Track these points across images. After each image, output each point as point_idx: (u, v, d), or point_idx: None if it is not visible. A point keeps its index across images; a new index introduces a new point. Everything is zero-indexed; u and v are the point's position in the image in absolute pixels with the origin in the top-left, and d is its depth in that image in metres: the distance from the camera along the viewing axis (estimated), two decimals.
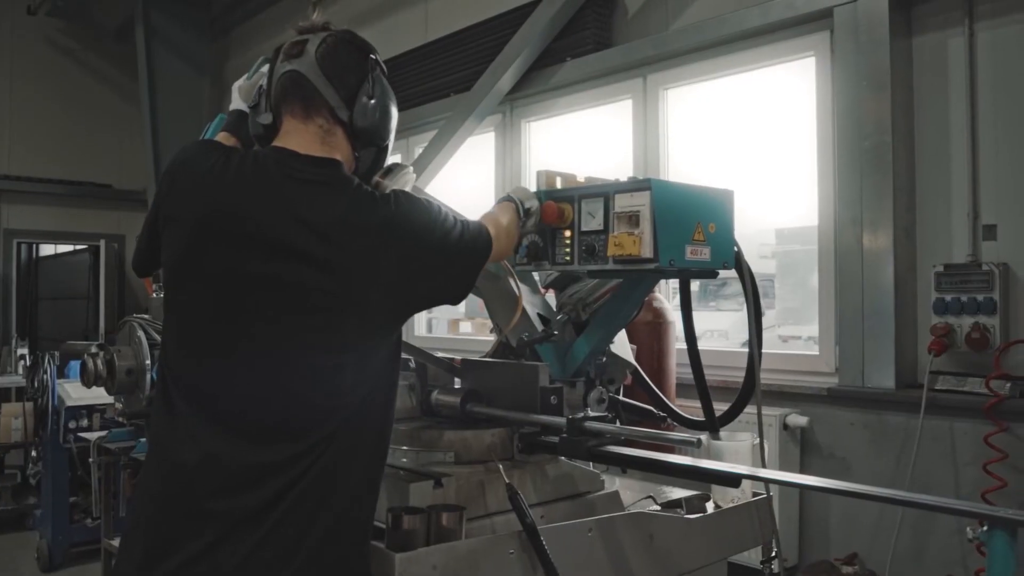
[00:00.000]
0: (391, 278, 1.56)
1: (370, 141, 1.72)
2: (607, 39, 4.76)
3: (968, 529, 1.47)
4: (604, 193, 1.99)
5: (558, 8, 4.68)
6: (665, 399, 2.68)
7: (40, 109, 9.38)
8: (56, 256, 10.79)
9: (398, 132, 5.43)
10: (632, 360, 2.50)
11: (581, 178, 2.23)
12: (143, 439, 3.30)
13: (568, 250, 2.07)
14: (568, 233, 2.07)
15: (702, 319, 5.80)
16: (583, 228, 2.03)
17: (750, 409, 3.69)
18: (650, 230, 1.88)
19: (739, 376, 2.52)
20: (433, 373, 2.30)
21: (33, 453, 5.44)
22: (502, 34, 5.15)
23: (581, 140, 5.13)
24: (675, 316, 3.91)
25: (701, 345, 2.52)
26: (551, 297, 2.52)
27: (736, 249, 2.12)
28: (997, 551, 1.36)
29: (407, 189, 1.78)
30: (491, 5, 5.47)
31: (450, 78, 5.66)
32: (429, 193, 2.08)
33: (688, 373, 3.69)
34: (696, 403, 2.57)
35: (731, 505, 2.21)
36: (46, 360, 4.83)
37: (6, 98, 9.20)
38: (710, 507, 2.19)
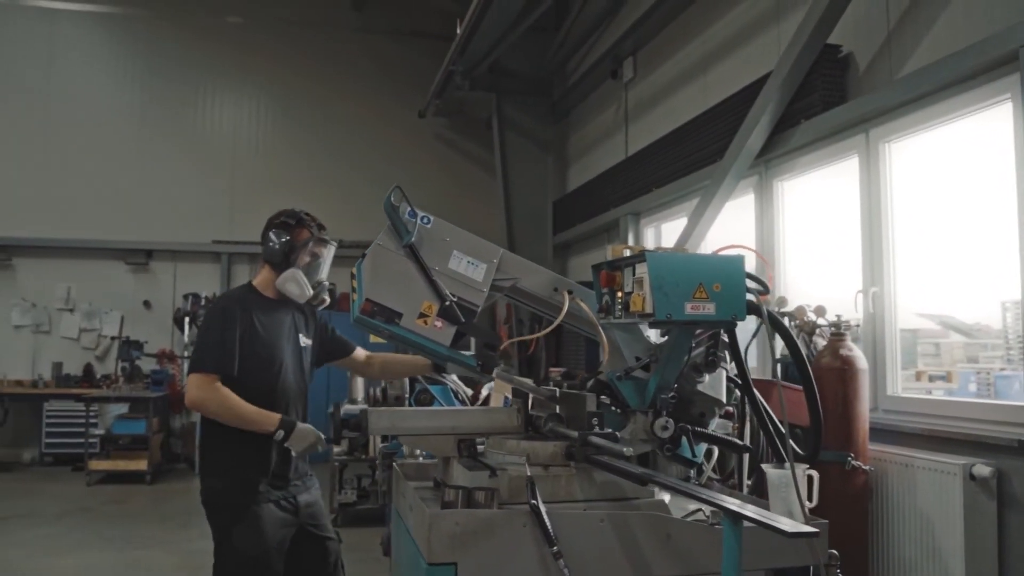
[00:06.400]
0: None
1: (270, 263, 3.26)
2: (838, 98, 4.97)
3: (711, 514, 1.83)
4: (633, 263, 2.58)
5: (784, 75, 5.03)
6: (773, 425, 3.03)
7: (430, 189, 11.62)
8: None
9: (675, 199, 6.31)
10: (723, 398, 2.95)
11: (651, 247, 2.82)
12: (403, 447, 4.41)
13: (620, 306, 2.68)
14: (620, 294, 2.69)
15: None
16: (625, 290, 2.64)
17: (928, 455, 3.80)
18: (649, 291, 2.44)
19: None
20: (539, 400, 3.00)
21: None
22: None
23: (822, 195, 5.35)
24: (867, 364, 4.06)
25: None
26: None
27: (755, 303, 2.54)
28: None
29: (289, 285, 3.16)
30: (755, 70, 5.90)
31: (716, 146, 6.18)
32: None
33: (906, 422, 4.06)
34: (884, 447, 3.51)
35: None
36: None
37: (406, 185, 11.58)
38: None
